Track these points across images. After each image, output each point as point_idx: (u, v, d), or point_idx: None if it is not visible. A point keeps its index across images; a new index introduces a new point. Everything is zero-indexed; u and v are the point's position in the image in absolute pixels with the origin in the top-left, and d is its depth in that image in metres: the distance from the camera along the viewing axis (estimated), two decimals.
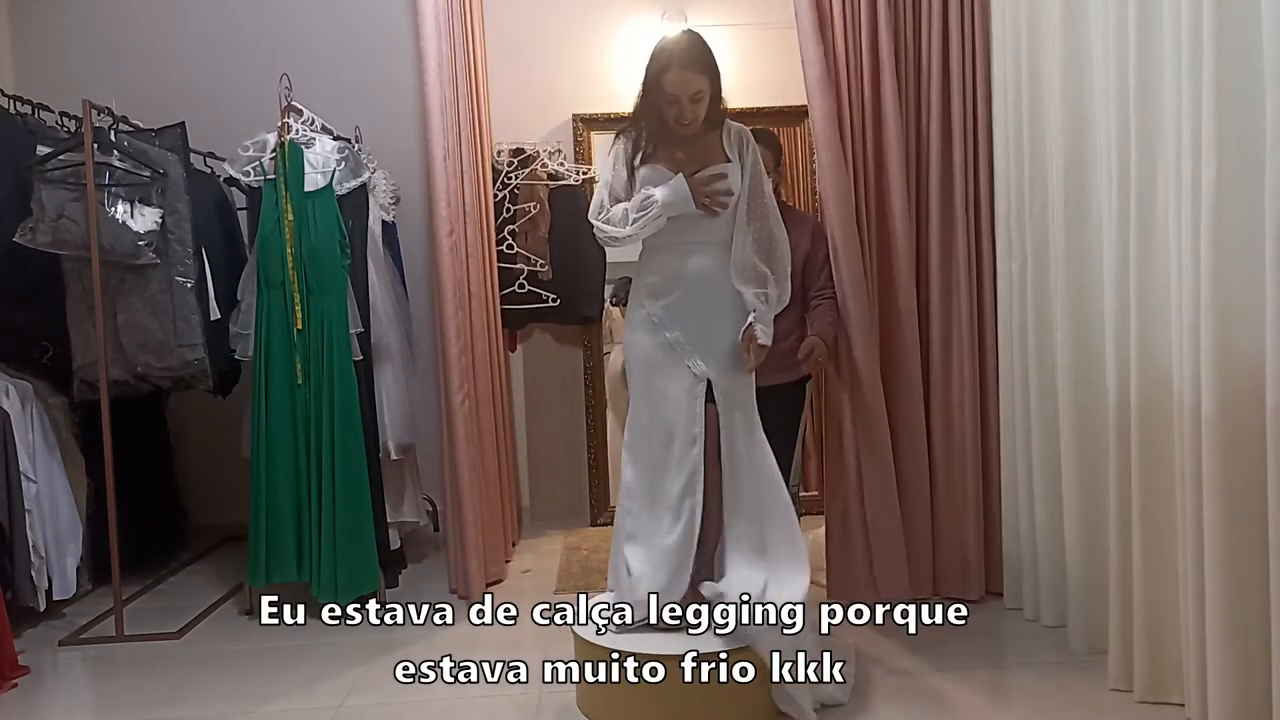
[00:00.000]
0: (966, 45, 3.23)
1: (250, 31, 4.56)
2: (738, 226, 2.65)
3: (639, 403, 2.70)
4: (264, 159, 3.45)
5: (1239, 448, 2.13)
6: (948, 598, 3.27)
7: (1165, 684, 2.47)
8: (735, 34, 4.43)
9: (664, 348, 2.65)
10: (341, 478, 3.38)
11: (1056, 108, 2.82)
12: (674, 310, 2.64)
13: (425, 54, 3.47)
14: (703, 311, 2.63)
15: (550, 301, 4.52)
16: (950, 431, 3.28)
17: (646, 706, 2.49)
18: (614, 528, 2.82)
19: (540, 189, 4.52)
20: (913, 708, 2.60)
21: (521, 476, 4.74)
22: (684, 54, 2.58)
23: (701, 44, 2.62)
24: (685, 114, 2.59)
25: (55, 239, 3.34)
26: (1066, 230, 2.81)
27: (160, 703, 2.84)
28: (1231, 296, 2.13)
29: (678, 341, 2.64)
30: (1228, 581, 2.16)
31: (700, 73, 2.57)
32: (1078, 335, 2.81)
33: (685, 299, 2.64)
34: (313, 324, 3.40)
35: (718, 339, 2.65)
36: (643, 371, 2.69)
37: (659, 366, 2.66)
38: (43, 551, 3.39)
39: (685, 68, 2.56)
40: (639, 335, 2.70)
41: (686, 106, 2.58)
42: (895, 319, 3.25)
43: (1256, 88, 2.04)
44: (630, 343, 2.73)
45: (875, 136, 3.24)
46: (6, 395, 3.36)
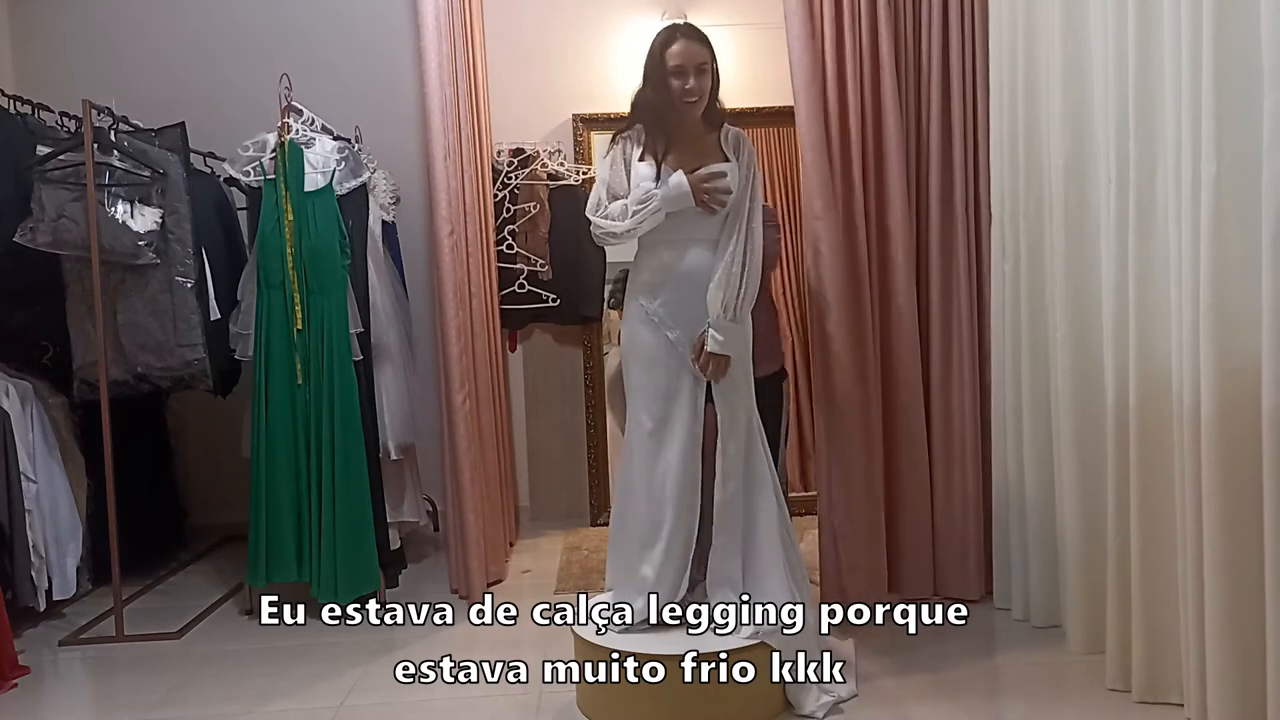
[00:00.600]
0: (966, 45, 3.23)
1: (250, 31, 4.56)
2: (731, 227, 2.64)
3: (639, 402, 2.70)
4: (264, 159, 3.45)
5: (1239, 448, 2.13)
6: (947, 598, 3.28)
7: (1164, 684, 2.48)
8: (735, 34, 4.43)
9: (665, 347, 2.65)
10: (341, 478, 3.38)
11: (1056, 107, 2.82)
12: (672, 309, 2.64)
13: (425, 54, 3.47)
14: (699, 310, 2.63)
15: (550, 301, 4.52)
16: (950, 431, 3.29)
17: (646, 706, 2.50)
18: (611, 526, 2.82)
19: (540, 189, 4.52)
20: (911, 708, 2.60)
21: (521, 476, 4.74)
22: (685, 29, 2.66)
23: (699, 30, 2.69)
24: (692, 84, 2.60)
25: (55, 239, 3.34)
26: (1066, 231, 2.81)
27: (160, 703, 2.84)
28: (1231, 297, 2.13)
29: (680, 341, 2.64)
30: (1227, 582, 2.16)
31: (704, 45, 2.64)
32: (1076, 335, 2.81)
33: (682, 297, 2.64)
34: (313, 324, 3.40)
35: None
36: (645, 371, 2.68)
37: (661, 365, 2.66)
38: (43, 551, 3.39)
39: (689, 39, 2.62)
40: (639, 329, 2.69)
41: (692, 76, 2.60)
42: (895, 318, 3.25)
43: (1256, 87, 2.04)
44: (630, 337, 2.72)
45: (875, 136, 3.24)
46: (6, 395, 3.36)
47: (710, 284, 2.60)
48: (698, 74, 2.61)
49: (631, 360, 2.72)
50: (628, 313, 2.75)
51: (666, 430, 2.65)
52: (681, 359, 2.64)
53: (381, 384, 3.75)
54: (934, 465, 3.30)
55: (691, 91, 2.61)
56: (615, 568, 2.76)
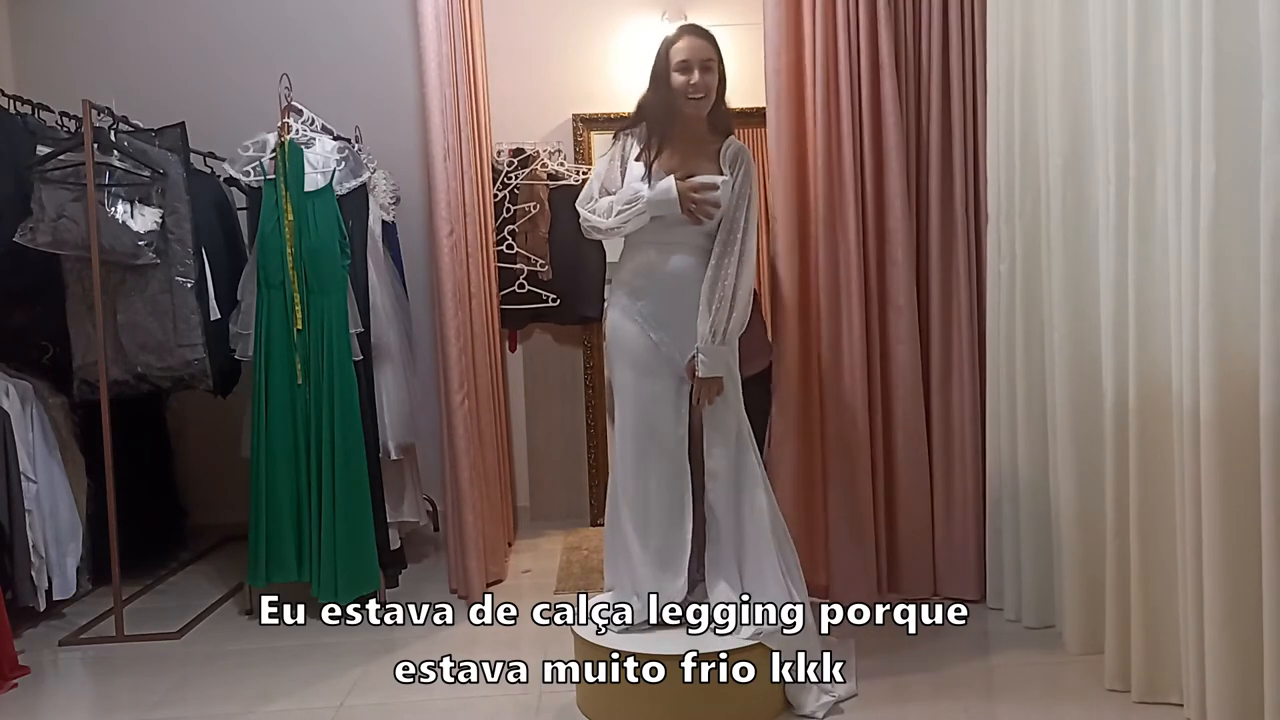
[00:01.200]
0: (966, 45, 3.24)
1: (250, 31, 4.56)
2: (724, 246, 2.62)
3: (626, 404, 2.70)
4: (264, 159, 3.45)
5: (1238, 448, 2.13)
6: (947, 598, 3.28)
7: (1163, 684, 2.48)
8: (735, 34, 4.39)
9: (649, 347, 2.66)
10: (341, 478, 3.38)
11: (1055, 106, 2.82)
12: (656, 310, 2.65)
13: (425, 54, 3.47)
14: (682, 313, 2.64)
15: (550, 301, 4.52)
16: (950, 431, 3.29)
17: (646, 706, 2.50)
18: (606, 526, 2.82)
19: (540, 189, 4.52)
20: (911, 708, 2.60)
21: (521, 476, 4.74)
22: (692, 28, 2.69)
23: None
24: (698, 79, 2.61)
25: (55, 239, 3.34)
26: (1064, 230, 2.81)
27: (160, 703, 2.84)
28: (1231, 297, 2.13)
29: (663, 343, 2.65)
30: (1226, 582, 2.16)
31: (710, 43, 2.65)
32: (1075, 335, 2.81)
33: (665, 300, 2.65)
34: (313, 324, 3.40)
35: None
36: (629, 369, 2.69)
37: (647, 368, 2.67)
38: (43, 551, 3.39)
39: (695, 36, 2.65)
40: (624, 323, 2.69)
41: (697, 71, 2.60)
42: (895, 318, 3.25)
43: (1255, 87, 2.04)
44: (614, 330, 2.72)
45: (875, 136, 3.25)
46: (6, 395, 3.36)
47: (700, 304, 2.59)
48: (702, 69, 2.61)
49: (616, 356, 2.73)
50: (612, 304, 2.76)
51: (652, 429, 2.66)
52: (666, 359, 2.65)
53: (381, 384, 3.75)
54: (934, 465, 3.30)
55: (697, 87, 2.61)
56: (613, 568, 2.76)
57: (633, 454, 2.68)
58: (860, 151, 3.24)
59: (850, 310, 3.22)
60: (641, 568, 2.65)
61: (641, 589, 2.63)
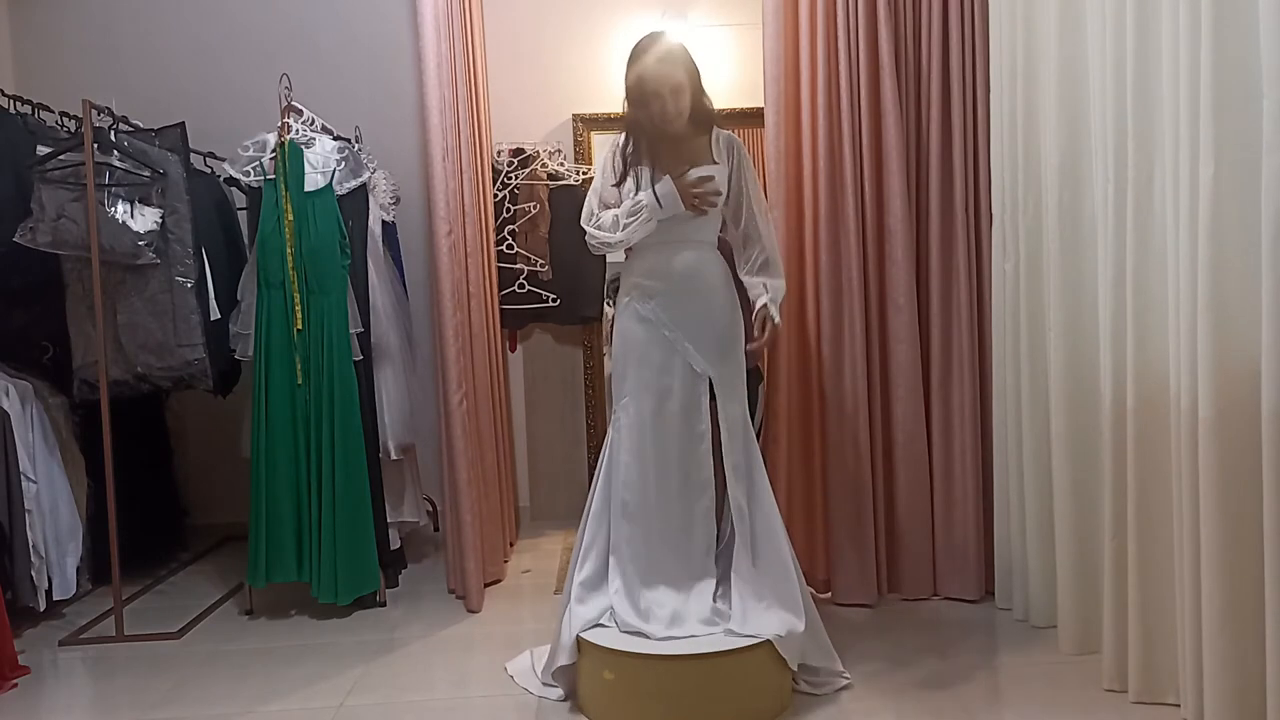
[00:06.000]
0: (966, 46, 3.24)
1: (250, 31, 4.56)
2: (733, 227, 2.68)
3: (639, 403, 2.70)
4: (264, 159, 3.45)
5: (1236, 449, 2.13)
6: (947, 598, 3.29)
7: (1160, 685, 2.48)
8: (735, 34, 4.42)
9: (660, 342, 2.67)
10: (341, 478, 3.38)
11: (1053, 106, 2.82)
12: (669, 308, 2.66)
13: (425, 54, 3.47)
14: (694, 309, 2.66)
15: (550, 301, 4.52)
16: (950, 431, 3.29)
17: (646, 706, 2.50)
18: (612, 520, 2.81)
19: (540, 189, 4.52)
20: (908, 708, 2.60)
21: (521, 476, 4.74)
22: (657, 50, 2.65)
23: (672, 41, 2.67)
24: (669, 107, 2.61)
25: (55, 239, 3.34)
26: (1061, 230, 2.82)
27: (160, 703, 2.84)
28: (1230, 297, 2.13)
29: (677, 339, 2.66)
30: (1224, 582, 2.16)
31: (675, 65, 2.62)
32: (1072, 335, 2.81)
33: (676, 297, 2.67)
34: (313, 324, 3.40)
35: (709, 336, 2.68)
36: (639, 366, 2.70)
37: (659, 365, 2.67)
38: (43, 551, 3.39)
39: (661, 61, 2.62)
40: (632, 326, 2.71)
41: (669, 99, 2.61)
42: (895, 318, 3.26)
43: (1254, 88, 2.04)
44: (623, 334, 2.74)
45: (875, 137, 3.25)
46: (6, 395, 3.37)
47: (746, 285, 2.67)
48: (673, 96, 2.61)
49: (625, 356, 2.74)
50: (620, 310, 2.77)
51: (661, 424, 2.66)
52: (678, 354, 2.66)
53: (381, 384, 3.75)
54: (934, 465, 3.30)
55: (669, 113, 2.62)
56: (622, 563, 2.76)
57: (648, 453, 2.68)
58: (860, 151, 3.25)
59: (850, 310, 3.23)
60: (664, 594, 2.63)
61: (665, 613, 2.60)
